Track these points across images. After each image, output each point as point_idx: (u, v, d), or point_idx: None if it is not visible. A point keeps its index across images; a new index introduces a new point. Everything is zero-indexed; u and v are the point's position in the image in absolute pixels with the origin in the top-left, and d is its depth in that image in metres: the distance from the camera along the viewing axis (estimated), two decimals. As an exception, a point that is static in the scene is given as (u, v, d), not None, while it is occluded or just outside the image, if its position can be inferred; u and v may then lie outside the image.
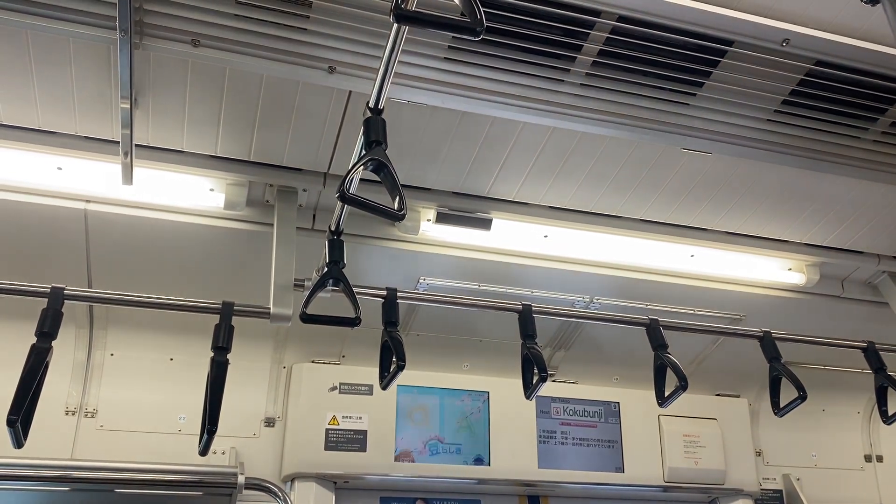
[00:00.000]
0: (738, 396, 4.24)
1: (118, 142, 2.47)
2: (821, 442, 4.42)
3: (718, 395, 4.21)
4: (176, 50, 2.25)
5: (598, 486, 3.79)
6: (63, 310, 2.35)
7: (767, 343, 3.02)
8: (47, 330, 2.27)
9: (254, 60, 2.30)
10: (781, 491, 4.24)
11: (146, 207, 2.89)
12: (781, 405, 2.95)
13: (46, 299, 2.35)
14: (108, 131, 2.60)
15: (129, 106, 2.32)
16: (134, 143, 2.48)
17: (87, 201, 2.83)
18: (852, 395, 4.41)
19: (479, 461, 3.62)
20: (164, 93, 2.47)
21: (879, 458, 4.50)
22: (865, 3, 0.91)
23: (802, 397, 2.85)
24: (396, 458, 3.51)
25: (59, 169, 2.70)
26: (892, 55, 2.42)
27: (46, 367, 2.26)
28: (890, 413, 3.18)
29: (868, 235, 3.37)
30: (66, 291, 2.38)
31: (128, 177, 2.58)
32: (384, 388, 2.58)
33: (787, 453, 4.35)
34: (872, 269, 3.62)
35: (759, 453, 4.26)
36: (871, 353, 3.21)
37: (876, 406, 3.21)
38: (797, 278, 3.55)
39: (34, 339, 2.26)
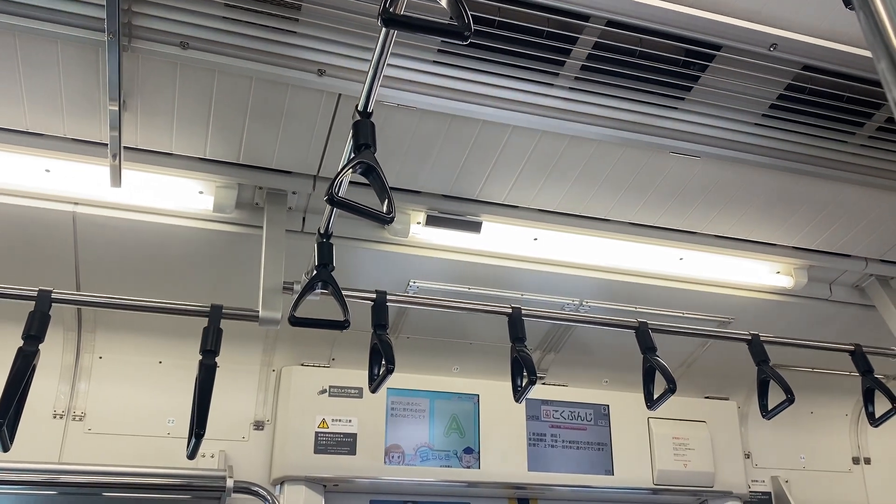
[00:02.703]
0: (726, 399, 4.25)
1: (107, 144, 2.47)
2: (809, 444, 4.44)
3: (707, 397, 4.22)
4: (165, 52, 2.26)
5: (588, 488, 3.79)
6: (51, 313, 2.34)
7: (756, 346, 3.04)
8: (34, 333, 2.27)
9: (243, 62, 2.30)
10: (770, 493, 4.25)
11: (135, 210, 2.87)
12: (770, 408, 2.97)
13: (34, 302, 2.34)
14: (97, 133, 2.59)
15: (117, 108, 2.32)
16: (122, 145, 2.47)
17: (76, 204, 2.82)
18: (840, 397, 4.44)
19: (469, 464, 3.62)
20: (152, 95, 2.46)
21: (867, 461, 4.53)
22: (848, 8, 0.92)
23: (790, 400, 2.87)
24: (386, 461, 3.50)
25: (47, 171, 2.68)
26: (879, 60, 2.43)
27: (33, 370, 2.25)
28: (877, 415, 3.20)
29: (856, 239, 3.39)
30: (53, 294, 2.37)
31: (116, 179, 2.58)
32: (374, 391, 2.58)
33: (776, 455, 4.36)
34: (860, 273, 3.64)
35: (747, 455, 4.27)
36: (859, 356, 3.23)
37: (863, 408, 3.23)
38: (785, 281, 3.57)
39: (21, 343, 2.26)
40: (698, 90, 2.58)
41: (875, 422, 3.20)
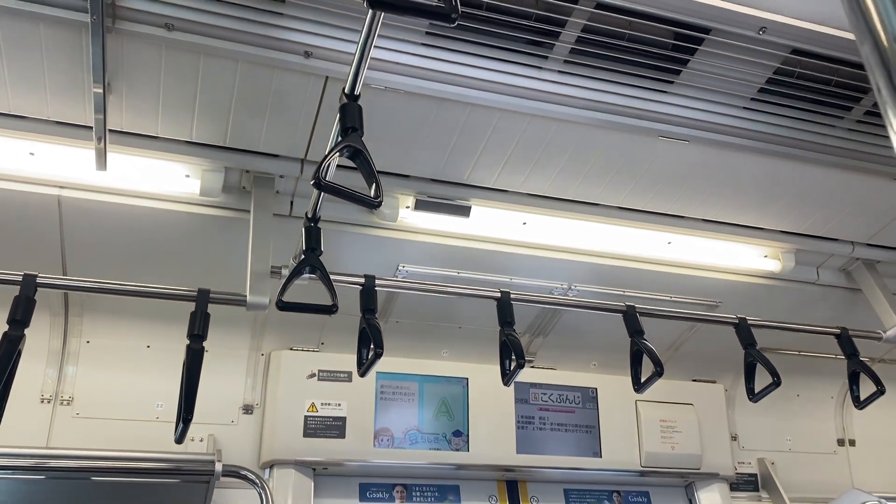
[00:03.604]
0: (714, 382, 4.28)
1: (92, 127, 2.44)
2: (795, 427, 4.48)
3: (695, 380, 4.25)
4: (149, 34, 2.23)
5: (576, 470, 3.82)
6: (37, 297, 2.33)
7: (743, 329, 3.06)
8: (20, 318, 2.26)
9: (229, 45, 2.28)
10: (756, 475, 4.30)
11: (121, 194, 2.85)
12: (756, 391, 2.99)
13: (19, 287, 2.32)
14: (82, 116, 2.56)
15: (102, 90, 2.29)
16: (107, 128, 2.45)
17: (61, 187, 2.79)
18: (826, 380, 4.47)
19: (458, 447, 3.64)
20: (137, 77, 2.43)
21: (852, 442, 4.58)
22: (837, -8, 0.92)
23: (777, 383, 2.89)
24: (375, 445, 3.51)
25: (32, 154, 2.66)
26: (867, 44, 2.43)
27: (19, 354, 2.25)
28: (862, 398, 3.23)
29: (843, 223, 3.41)
30: (38, 279, 2.36)
31: (101, 162, 2.55)
32: (362, 375, 2.58)
33: (762, 438, 4.40)
34: (847, 257, 3.66)
35: (734, 438, 4.31)
36: (845, 339, 3.26)
37: (849, 391, 3.27)
38: (773, 265, 3.59)
39: (6, 327, 2.24)
40: (687, 74, 2.58)
41: (860, 404, 3.23)
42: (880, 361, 4.21)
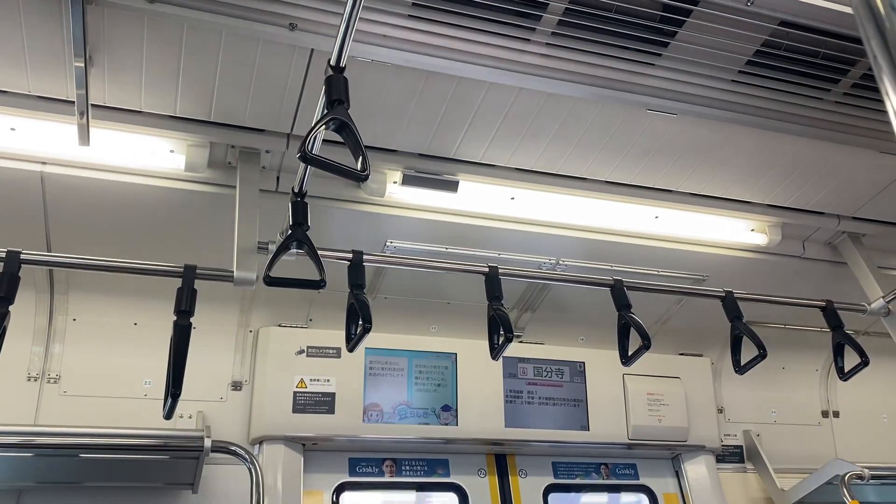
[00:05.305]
0: (700, 355, 4.31)
1: (74, 102, 2.41)
2: (780, 399, 4.53)
3: (682, 354, 4.27)
4: (131, 5, 2.19)
5: (564, 443, 3.85)
6: (22, 274, 2.31)
7: (729, 303, 3.08)
8: (4, 294, 2.24)
9: (212, 17, 2.25)
10: (742, 447, 4.35)
11: (105, 169, 2.82)
12: (742, 363, 3.01)
13: (2, 264, 2.30)
14: (63, 91, 2.52)
15: (83, 64, 2.26)
16: (90, 102, 2.41)
17: (44, 163, 2.76)
18: (811, 352, 4.52)
19: (446, 421, 3.66)
20: (119, 51, 2.40)
21: (836, 414, 4.63)
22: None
23: (762, 355, 2.91)
24: (365, 420, 3.52)
25: (13, 130, 2.62)
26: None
27: (4, 332, 2.23)
28: (846, 370, 3.26)
29: (829, 196, 3.42)
30: (22, 255, 2.33)
31: (84, 138, 2.52)
32: (351, 350, 2.58)
33: (748, 410, 4.45)
34: (832, 230, 3.68)
35: (720, 410, 4.35)
36: (830, 312, 3.28)
37: (833, 363, 3.30)
38: (759, 239, 3.61)
39: (-9, 305, 2.23)
40: (675, 46, 2.57)
41: (844, 376, 3.26)
42: (864, 334, 4.26)
